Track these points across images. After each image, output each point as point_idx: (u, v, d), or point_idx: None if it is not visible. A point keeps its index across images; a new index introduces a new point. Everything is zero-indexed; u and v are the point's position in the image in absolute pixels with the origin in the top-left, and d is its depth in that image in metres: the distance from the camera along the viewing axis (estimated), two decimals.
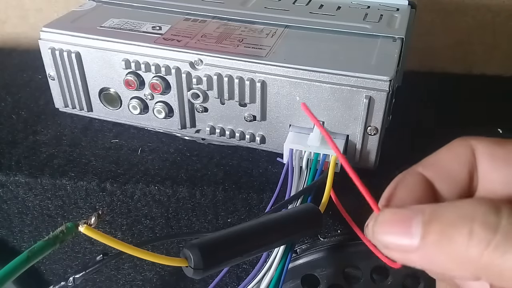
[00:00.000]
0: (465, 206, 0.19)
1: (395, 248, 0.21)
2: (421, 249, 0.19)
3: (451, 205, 0.20)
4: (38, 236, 0.40)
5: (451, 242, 0.18)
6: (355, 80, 0.33)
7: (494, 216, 0.18)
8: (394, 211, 0.21)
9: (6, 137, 0.41)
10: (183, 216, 0.37)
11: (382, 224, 0.21)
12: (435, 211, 0.20)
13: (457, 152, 0.23)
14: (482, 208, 0.18)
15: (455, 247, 0.18)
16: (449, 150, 0.24)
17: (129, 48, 0.37)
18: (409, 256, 0.20)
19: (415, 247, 0.20)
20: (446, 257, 0.19)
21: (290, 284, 0.37)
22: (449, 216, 0.19)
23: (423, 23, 0.53)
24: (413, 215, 0.20)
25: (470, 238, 0.18)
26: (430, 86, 0.51)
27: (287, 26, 0.39)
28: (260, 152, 0.39)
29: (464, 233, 0.18)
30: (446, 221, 0.19)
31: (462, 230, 0.18)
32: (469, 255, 0.18)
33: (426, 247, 0.19)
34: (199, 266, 0.23)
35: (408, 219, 0.20)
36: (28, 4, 0.59)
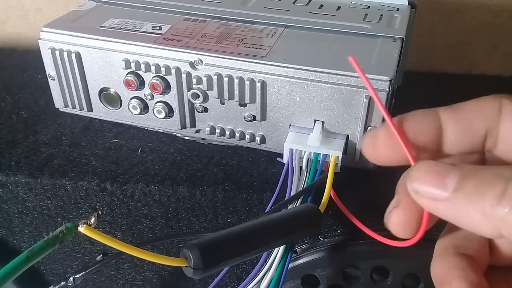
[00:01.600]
0: (502, 168, 0.20)
1: (425, 195, 0.21)
2: (451, 200, 0.20)
3: (489, 167, 0.21)
4: (38, 236, 0.40)
5: (483, 197, 0.19)
6: (355, 80, 0.33)
7: None
8: (433, 163, 0.22)
9: (6, 137, 0.41)
10: (183, 216, 0.37)
11: (418, 171, 0.22)
12: (473, 169, 0.21)
13: (483, 106, 0.24)
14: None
15: (485, 203, 0.19)
16: (477, 102, 0.24)
17: (129, 48, 0.37)
18: (438, 205, 0.21)
19: (445, 197, 0.20)
20: (474, 210, 0.20)
21: (290, 284, 0.37)
22: (486, 174, 0.20)
23: (423, 23, 0.53)
24: (451, 170, 0.21)
25: (502, 196, 0.19)
26: (430, 86, 0.51)
27: (287, 26, 0.39)
28: (260, 152, 0.39)
29: (497, 191, 0.19)
30: (482, 178, 0.20)
31: (495, 188, 0.19)
32: (497, 211, 0.19)
33: (457, 199, 0.20)
34: (198, 266, 0.23)
35: (445, 172, 0.21)
36: (28, 4, 0.59)
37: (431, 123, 0.24)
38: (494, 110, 0.23)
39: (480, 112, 0.23)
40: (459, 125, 0.24)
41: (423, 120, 0.24)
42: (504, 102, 0.23)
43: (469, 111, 0.24)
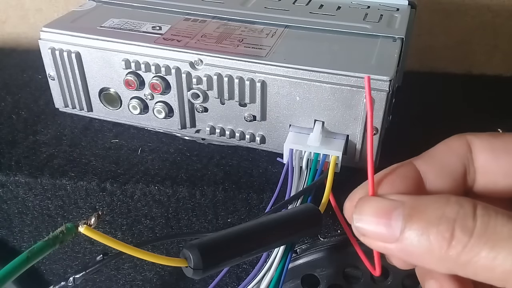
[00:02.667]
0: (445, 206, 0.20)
1: (374, 237, 0.21)
2: (400, 242, 0.20)
3: (431, 201, 0.20)
4: (38, 236, 0.40)
5: (432, 241, 0.19)
6: (355, 80, 0.33)
7: (471, 220, 0.19)
8: (374, 200, 0.22)
9: (6, 137, 0.41)
10: (183, 216, 0.37)
11: (362, 213, 0.22)
12: (416, 205, 0.21)
13: (453, 147, 0.24)
14: (461, 212, 0.19)
15: (435, 246, 0.19)
16: (446, 144, 0.24)
17: (129, 48, 0.37)
18: (387, 246, 0.21)
19: (394, 239, 0.20)
20: (425, 253, 0.20)
21: (290, 284, 0.37)
22: (431, 214, 0.20)
23: (423, 23, 0.53)
24: (394, 207, 0.21)
25: (451, 240, 0.19)
26: (430, 86, 0.51)
27: (287, 26, 0.39)
28: (260, 152, 0.39)
29: (445, 235, 0.19)
30: (427, 218, 0.20)
31: (444, 233, 0.19)
32: (448, 254, 0.19)
33: (406, 241, 0.20)
34: (198, 266, 0.23)
35: (388, 210, 0.21)
36: (28, 4, 0.59)
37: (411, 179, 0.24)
38: (464, 148, 0.24)
39: (452, 153, 0.24)
40: (437, 171, 0.24)
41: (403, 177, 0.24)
42: (469, 139, 0.24)
43: (441, 155, 0.24)
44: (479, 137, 0.24)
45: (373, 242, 0.22)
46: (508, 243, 0.18)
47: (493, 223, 0.19)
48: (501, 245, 0.18)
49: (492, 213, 0.19)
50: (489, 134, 0.24)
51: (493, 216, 0.19)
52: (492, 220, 0.19)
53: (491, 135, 0.23)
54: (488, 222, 0.19)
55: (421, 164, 0.24)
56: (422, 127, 0.43)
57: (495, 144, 0.23)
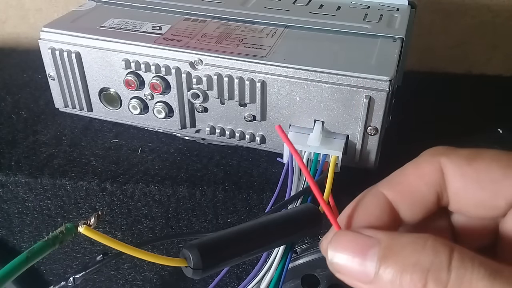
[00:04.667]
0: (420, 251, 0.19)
1: (348, 275, 0.21)
2: (374, 284, 0.20)
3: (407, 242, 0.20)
4: (38, 236, 0.40)
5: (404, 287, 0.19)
6: (355, 80, 0.33)
7: (445, 272, 0.18)
8: (350, 235, 0.21)
9: (6, 137, 0.41)
10: (183, 216, 0.37)
11: (337, 247, 0.21)
12: (391, 246, 0.20)
13: (424, 173, 0.23)
14: (437, 260, 0.18)
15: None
16: (416, 169, 0.23)
17: (129, 48, 0.37)
18: (362, 286, 0.20)
19: (369, 280, 0.20)
20: None
21: (290, 284, 0.37)
22: (406, 258, 0.19)
23: (423, 23, 0.53)
24: (369, 245, 0.20)
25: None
26: (430, 86, 0.51)
27: (287, 26, 0.39)
28: (260, 152, 0.39)
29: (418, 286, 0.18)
30: (402, 263, 0.19)
31: (417, 282, 0.18)
32: None
33: (380, 284, 0.20)
34: (198, 266, 0.23)
35: (363, 248, 0.20)
36: (28, 4, 0.59)
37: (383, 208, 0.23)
38: (436, 174, 0.22)
39: (424, 181, 0.22)
40: (409, 199, 0.23)
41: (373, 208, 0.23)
42: (442, 162, 0.22)
43: (412, 183, 0.23)
44: (453, 161, 0.22)
45: (348, 280, 0.21)
46: None
47: (469, 277, 0.18)
48: None
49: (468, 265, 0.18)
50: (464, 157, 0.22)
51: (469, 269, 0.18)
52: (468, 274, 0.18)
53: (466, 158, 0.22)
54: (464, 276, 0.18)
55: (390, 194, 0.23)
56: (422, 127, 0.43)
57: (467, 172, 0.22)
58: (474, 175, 0.21)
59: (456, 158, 0.22)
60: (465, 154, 0.22)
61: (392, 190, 0.23)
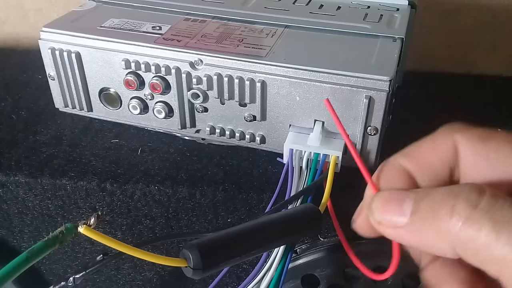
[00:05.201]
0: (453, 186, 0.20)
1: (387, 224, 0.22)
2: (410, 225, 0.21)
3: (442, 188, 0.21)
4: (38, 236, 0.40)
5: (436, 216, 0.20)
6: (355, 80, 0.33)
7: (476, 195, 0.19)
8: (388, 192, 0.23)
9: (6, 137, 0.41)
10: (183, 216, 0.37)
11: (377, 201, 0.23)
12: (427, 191, 0.21)
13: (439, 148, 0.24)
14: (467, 187, 0.20)
15: (438, 221, 0.20)
16: (432, 144, 0.24)
17: (129, 48, 0.37)
18: (399, 232, 0.21)
19: (404, 223, 0.21)
20: (430, 230, 0.20)
21: (290, 284, 0.37)
22: (438, 194, 0.20)
23: (423, 23, 0.53)
24: (407, 195, 0.22)
25: (452, 212, 0.19)
26: (430, 86, 0.51)
27: (287, 26, 0.39)
28: (260, 152, 0.39)
29: (447, 207, 0.19)
30: (434, 199, 0.20)
31: (446, 205, 0.19)
32: (450, 228, 0.19)
33: (414, 222, 0.21)
34: (198, 266, 0.23)
35: (401, 199, 0.22)
36: (28, 4, 0.59)
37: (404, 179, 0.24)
38: (449, 150, 0.23)
39: (438, 156, 0.23)
40: (423, 171, 0.24)
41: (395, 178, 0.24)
42: (457, 138, 0.23)
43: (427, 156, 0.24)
44: (466, 139, 0.23)
45: (388, 229, 0.22)
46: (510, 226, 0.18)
47: (501, 204, 0.19)
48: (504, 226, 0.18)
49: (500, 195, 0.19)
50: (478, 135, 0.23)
51: (500, 198, 0.19)
52: (499, 202, 0.19)
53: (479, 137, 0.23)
54: (495, 202, 0.19)
55: (407, 164, 0.24)
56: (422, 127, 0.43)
57: (479, 150, 0.22)
58: (485, 153, 0.22)
59: (470, 136, 0.23)
60: (479, 133, 0.23)
61: (408, 161, 0.24)
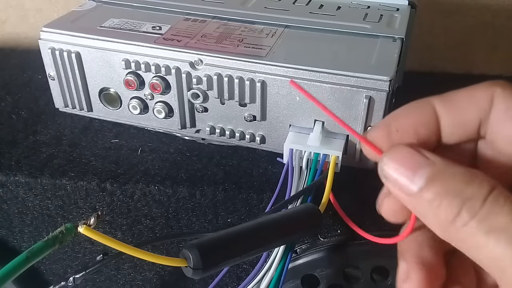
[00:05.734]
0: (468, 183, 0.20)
1: (394, 183, 0.22)
2: (414, 198, 0.21)
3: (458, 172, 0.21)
4: (38, 236, 0.40)
5: (441, 209, 0.20)
6: (355, 80, 0.33)
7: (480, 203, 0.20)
8: (407, 152, 0.22)
9: (6, 137, 0.41)
10: (183, 216, 0.37)
11: (392, 159, 0.23)
12: (442, 170, 0.21)
13: (476, 96, 0.24)
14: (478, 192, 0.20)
15: (442, 215, 0.20)
16: (470, 91, 0.24)
17: (129, 48, 0.37)
18: (403, 196, 0.22)
19: (411, 193, 0.21)
20: (431, 216, 0.21)
21: (290, 284, 0.37)
22: (451, 184, 0.21)
23: (423, 23, 0.53)
24: (422, 164, 0.22)
25: (456, 216, 0.20)
26: (430, 86, 0.51)
27: (287, 26, 0.39)
28: (260, 152, 0.39)
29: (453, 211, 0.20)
30: (446, 188, 0.21)
31: (453, 205, 0.20)
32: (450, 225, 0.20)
33: (419, 199, 0.21)
34: (198, 266, 0.23)
35: (416, 165, 0.22)
36: (28, 4, 0.59)
37: (430, 116, 0.24)
38: (486, 101, 0.23)
39: (473, 103, 0.24)
40: (454, 117, 0.24)
41: (422, 114, 0.24)
42: (497, 92, 0.23)
43: (462, 103, 0.24)
44: (505, 94, 0.23)
45: (392, 187, 0.22)
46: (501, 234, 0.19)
47: (497, 211, 0.19)
48: (494, 234, 0.19)
49: (501, 200, 0.20)
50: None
51: (500, 204, 0.19)
52: (497, 208, 0.19)
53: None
54: (493, 209, 0.19)
55: (439, 106, 0.24)
56: None
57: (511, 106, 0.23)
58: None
59: (509, 92, 0.23)
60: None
61: (442, 104, 0.24)
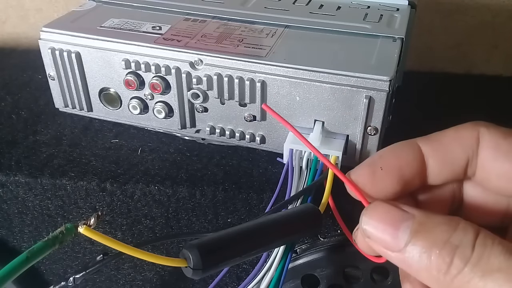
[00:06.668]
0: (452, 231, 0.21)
1: (378, 242, 0.22)
2: (402, 254, 0.21)
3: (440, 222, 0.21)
4: (38, 236, 0.40)
5: (432, 261, 0.20)
6: (355, 80, 0.33)
7: (470, 250, 0.20)
8: (386, 208, 0.22)
9: (6, 137, 0.41)
10: (183, 216, 0.37)
11: (372, 217, 0.23)
12: (424, 222, 0.21)
13: (462, 135, 0.24)
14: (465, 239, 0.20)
15: (433, 266, 0.20)
16: (456, 131, 0.25)
17: (129, 48, 0.37)
18: (389, 253, 0.22)
19: (398, 249, 0.21)
20: (423, 269, 0.21)
21: (290, 284, 0.37)
22: (438, 235, 0.21)
23: (423, 23, 0.53)
24: (403, 219, 0.22)
25: (450, 265, 0.20)
26: (430, 86, 0.51)
27: (287, 26, 0.39)
28: (260, 152, 0.39)
29: (446, 260, 0.20)
30: (433, 239, 0.21)
31: (445, 257, 0.20)
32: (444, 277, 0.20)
33: (408, 255, 0.21)
34: (198, 266, 0.23)
35: (398, 221, 0.22)
36: (28, 4, 0.59)
37: (415, 156, 0.24)
38: (472, 140, 0.24)
39: (460, 143, 0.24)
40: (441, 156, 0.24)
41: (407, 153, 0.25)
42: (481, 131, 0.24)
43: (449, 142, 0.24)
44: (490, 132, 0.24)
45: (376, 246, 0.22)
46: (497, 274, 0.19)
47: (488, 253, 0.20)
48: (490, 275, 0.19)
49: (489, 243, 0.20)
50: (502, 132, 0.24)
51: (489, 246, 0.20)
52: (487, 251, 0.20)
53: (502, 133, 0.23)
54: (483, 253, 0.20)
55: (426, 147, 0.25)
56: (422, 127, 0.43)
57: (500, 144, 0.23)
58: (506, 147, 0.23)
59: (494, 131, 0.24)
60: (503, 130, 0.24)
61: (428, 144, 0.25)
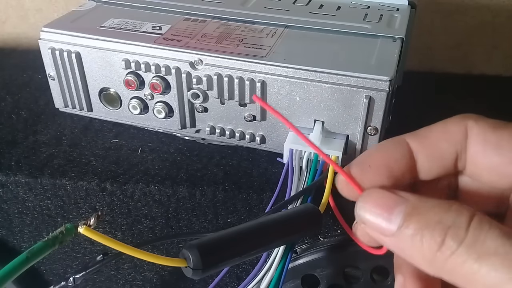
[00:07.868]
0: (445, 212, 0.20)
1: (372, 227, 0.22)
2: (395, 237, 0.21)
3: (433, 205, 0.21)
4: (38, 236, 0.40)
5: (424, 242, 0.20)
6: (355, 80, 0.33)
7: (464, 231, 0.19)
8: (380, 193, 0.23)
9: (6, 137, 0.41)
10: (183, 216, 0.37)
11: (367, 202, 0.23)
12: (418, 206, 0.21)
13: (450, 130, 0.24)
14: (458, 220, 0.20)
15: (425, 247, 0.20)
16: (443, 126, 0.24)
17: (129, 48, 0.37)
18: (383, 238, 0.22)
19: (391, 233, 0.21)
20: (415, 251, 0.21)
21: (290, 284, 0.37)
22: (429, 217, 0.20)
23: (423, 23, 0.53)
24: (397, 203, 0.22)
25: (441, 245, 0.20)
26: (430, 86, 0.51)
27: (287, 26, 0.39)
28: (260, 152, 0.39)
29: (437, 240, 0.20)
30: (425, 221, 0.20)
31: (436, 237, 0.20)
32: (436, 257, 0.20)
33: (400, 237, 0.21)
34: (198, 266, 0.23)
35: (391, 205, 0.22)
36: (28, 4, 0.59)
37: (403, 153, 0.24)
38: (460, 134, 0.24)
39: (448, 137, 0.24)
40: (429, 152, 0.24)
41: (394, 151, 0.24)
42: (469, 124, 0.24)
43: (437, 137, 0.24)
44: (478, 125, 0.23)
45: (371, 231, 0.22)
46: (493, 257, 0.19)
47: (484, 236, 0.19)
48: (486, 259, 0.19)
49: (485, 226, 0.19)
50: (490, 124, 0.23)
51: (485, 230, 0.19)
52: (483, 234, 0.19)
53: (491, 125, 0.23)
54: (479, 235, 0.19)
55: (414, 143, 0.24)
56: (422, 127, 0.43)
57: (489, 137, 0.23)
58: (495, 141, 0.23)
59: (482, 123, 0.23)
60: (491, 122, 0.23)
61: (416, 140, 0.24)
